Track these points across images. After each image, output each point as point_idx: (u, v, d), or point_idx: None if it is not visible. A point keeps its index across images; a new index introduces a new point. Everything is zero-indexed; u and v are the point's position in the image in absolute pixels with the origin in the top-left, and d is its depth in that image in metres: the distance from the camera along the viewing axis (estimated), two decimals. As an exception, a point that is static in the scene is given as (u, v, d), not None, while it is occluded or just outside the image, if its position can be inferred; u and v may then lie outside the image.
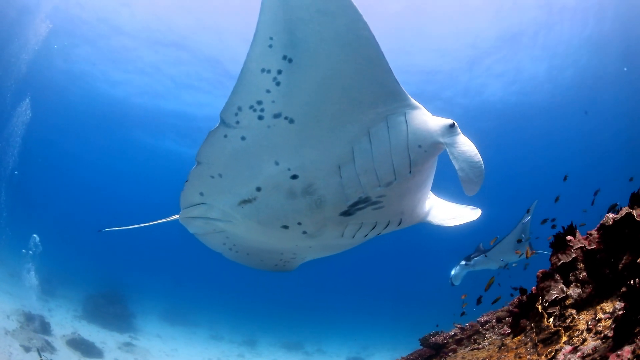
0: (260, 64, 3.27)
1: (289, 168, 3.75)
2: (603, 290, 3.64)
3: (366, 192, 3.87)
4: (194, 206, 4.30)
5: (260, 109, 3.43)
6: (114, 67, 29.29)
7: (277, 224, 4.19)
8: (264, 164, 3.76)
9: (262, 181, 3.88)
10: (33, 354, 13.99)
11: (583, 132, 35.94)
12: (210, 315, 33.27)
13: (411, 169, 3.81)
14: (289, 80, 3.32)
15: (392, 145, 3.67)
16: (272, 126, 3.51)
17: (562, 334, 3.51)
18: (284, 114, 3.47)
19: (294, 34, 3.17)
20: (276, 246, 4.79)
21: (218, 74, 29.01)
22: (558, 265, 4.14)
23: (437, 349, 7.54)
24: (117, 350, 20.17)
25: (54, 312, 21.92)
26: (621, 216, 3.48)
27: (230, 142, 3.64)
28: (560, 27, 25.33)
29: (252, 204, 4.05)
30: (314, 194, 3.88)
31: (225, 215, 4.28)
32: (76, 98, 33.42)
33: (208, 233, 4.64)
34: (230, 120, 3.52)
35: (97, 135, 40.81)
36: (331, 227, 4.21)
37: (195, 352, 24.66)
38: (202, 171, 3.93)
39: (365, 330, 35.96)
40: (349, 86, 3.39)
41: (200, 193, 4.15)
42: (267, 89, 3.35)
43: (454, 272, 11.01)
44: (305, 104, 3.43)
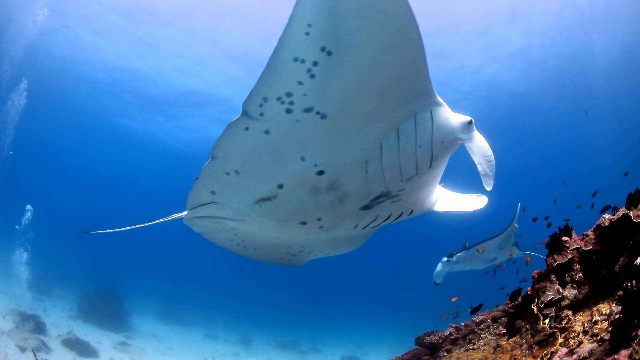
0: (293, 52, 2.98)
1: (316, 164, 3.60)
2: (599, 291, 3.63)
3: (388, 186, 3.89)
4: (202, 206, 4.06)
5: (289, 101, 3.18)
6: (109, 51, 29.08)
7: (295, 221, 4.12)
8: (288, 159, 3.56)
9: (285, 178, 3.69)
10: (29, 354, 13.92)
11: (583, 131, 36.00)
12: (205, 314, 33.21)
13: (431, 163, 3.88)
14: (325, 73, 3.08)
15: (417, 142, 3.68)
16: (302, 120, 3.29)
17: (558, 335, 3.50)
18: (316, 109, 3.25)
19: (338, 25, 2.92)
20: (286, 240, 4.73)
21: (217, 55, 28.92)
22: (554, 266, 4.13)
23: (432, 349, 7.52)
24: (112, 349, 20.11)
25: (49, 311, 21.83)
26: (618, 217, 3.47)
27: (252, 135, 3.36)
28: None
29: (272, 201, 3.88)
30: (338, 189, 3.80)
31: (239, 214, 4.10)
32: (73, 87, 33.29)
33: (215, 232, 4.46)
34: (253, 111, 3.23)
35: (93, 131, 40.48)
36: (348, 221, 4.23)
37: (191, 351, 24.61)
38: (217, 167, 3.64)
39: (360, 329, 35.95)
40: (387, 85, 3.27)
41: (211, 192, 3.89)
42: (299, 80, 3.09)
43: (436, 270, 10.74)
44: (340, 99, 3.24)
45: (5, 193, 32.00)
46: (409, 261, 52.61)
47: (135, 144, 42.84)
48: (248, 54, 27.78)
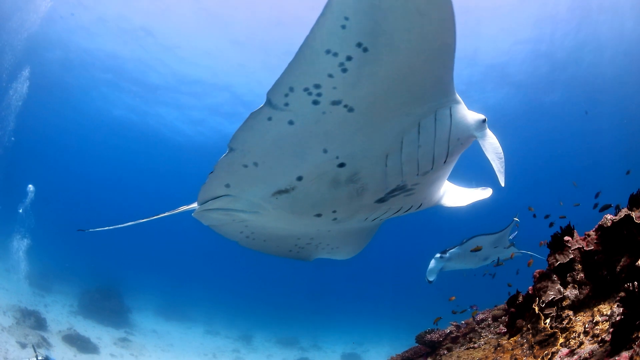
0: (326, 44, 2.88)
1: (338, 156, 3.56)
2: (600, 291, 3.62)
3: (404, 180, 3.93)
4: (215, 199, 3.98)
5: (317, 93, 3.10)
6: (110, 39, 28.96)
7: (311, 213, 4.11)
8: (310, 151, 3.51)
9: (305, 170, 3.65)
10: (29, 350, 13.94)
11: (584, 130, 35.96)
12: (206, 311, 33.22)
13: (446, 159, 3.95)
14: (359, 69, 3.01)
15: (436, 137, 3.71)
16: (328, 113, 3.23)
17: (559, 336, 3.49)
18: (344, 102, 3.19)
19: (379, 24, 2.84)
20: (296, 232, 4.73)
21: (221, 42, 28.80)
22: (555, 265, 4.13)
23: (432, 347, 7.51)
24: (113, 345, 20.16)
25: (50, 307, 21.88)
26: (620, 218, 3.46)
27: (274, 126, 3.28)
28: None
29: (289, 194, 3.84)
30: (357, 182, 3.80)
31: (253, 206, 4.05)
32: (75, 79, 33.23)
33: (225, 224, 4.42)
34: (278, 101, 3.13)
35: (95, 122, 40.40)
36: (362, 213, 4.26)
37: (191, 347, 24.67)
38: (235, 159, 3.55)
39: (361, 327, 35.98)
40: (416, 82, 3.28)
41: (226, 185, 3.81)
42: (329, 73, 3.00)
43: (429, 267, 10.53)
44: (370, 94, 3.19)
45: (6, 183, 31.92)
46: (409, 259, 52.58)
47: (137, 136, 42.77)
48: (253, 40, 27.68)
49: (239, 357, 25.18)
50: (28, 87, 27.81)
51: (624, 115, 33.47)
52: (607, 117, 34.15)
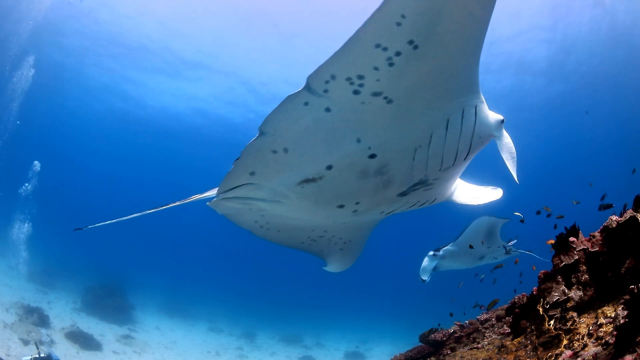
0: (377, 38, 2.90)
1: (370, 147, 3.54)
2: (605, 293, 3.59)
3: (427, 174, 3.97)
4: (237, 187, 3.87)
5: (359, 83, 3.09)
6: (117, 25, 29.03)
7: (334, 204, 4.07)
8: (344, 140, 3.47)
9: (336, 159, 3.59)
10: (31, 347, 13.97)
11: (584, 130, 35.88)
12: (209, 308, 33.31)
13: (467, 156, 4.05)
14: (405, 65, 3.04)
15: (461, 134, 3.79)
16: (367, 103, 3.21)
17: (563, 337, 3.47)
18: (384, 94, 3.19)
19: (434, 25, 2.90)
20: (312, 223, 4.70)
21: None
22: (560, 266, 4.10)
23: (436, 347, 7.49)
24: (116, 342, 20.21)
25: (53, 304, 21.95)
26: (625, 219, 3.43)
27: (310, 111, 3.23)
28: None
29: (316, 183, 3.77)
30: (385, 174, 3.79)
31: (276, 195, 3.96)
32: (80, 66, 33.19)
33: (242, 213, 4.33)
34: (317, 86, 3.10)
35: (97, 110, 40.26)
36: (382, 206, 4.28)
37: (194, 344, 24.71)
38: (264, 144, 3.45)
39: (364, 325, 36.01)
40: (453, 77, 3.35)
41: (251, 172, 3.70)
42: (375, 66, 3.01)
43: (422, 265, 10.28)
44: (410, 88, 3.22)
45: (9, 166, 31.84)
46: (413, 258, 52.46)
47: (140, 126, 42.57)
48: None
49: (242, 354, 25.22)
50: (33, 75, 27.81)
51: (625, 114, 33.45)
52: (607, 116, 34.11)
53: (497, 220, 9.26)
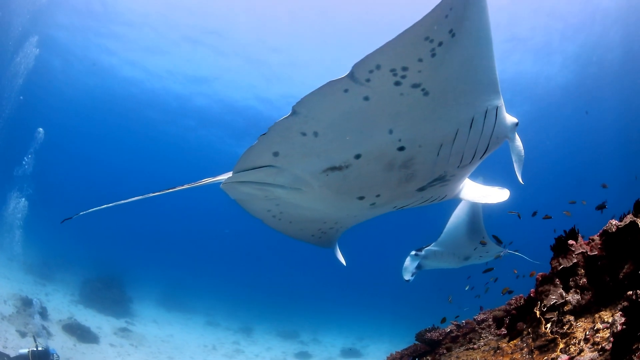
0: (428, 31, 2.97)
1: (400, 139, 3.54)
2: (603, 298, 3.58)
3: (447, 170, 4.04)
4: (257, 169, 3.75)
5: (402, 75, 3.11)
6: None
7: (355, 195, 4.05)
8: (376, 130, 3.46)
9: (366, 148, 3.57)
10: (29, 339, 13.96)
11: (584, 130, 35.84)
12: (207, 302, 33.34)
13: (483, 155, 4.16)
14: (444, 54, 3.11)
15: (482, 133, 3.89)
16: (406, 95, 3.23)
17: (559, 341, 3.46)
18: (423, 85, 3.23)
19: (466, 10, 3.02)
20: (326, 215, 4.68)
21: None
22: (558, 269, 4.09)
23: (432, 346, 7.49)
24: (113, 335, 20.20)
25: (51, 296, 21.97)
26: (625, 224, 3.43)
27: (349, 98, 3.19)
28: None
29: (342, 172, 3.72)
30: (409, 168, 3.81)
31: (297, 182, 3.88)
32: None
33: (256, 200, 4.26)
34: (360, 75, 3.08)
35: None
36: (399, 200, 4.33)
37: (191, 338, 24.73)
38: (295, 124, 3.36)
39: (361, 322, 36.06)
40: (477, 70, 3.42)
41: (274, 153, 3.59)
42: (420, 57, 3.07)
43: (404, 265, 10.11)
44: (445, 79, 3.28)
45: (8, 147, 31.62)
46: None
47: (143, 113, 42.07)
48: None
49: (239, 349, 25.22)
50: (36, 56, 27.72)
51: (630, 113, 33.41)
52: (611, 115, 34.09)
53: (476, 209, 9.01)
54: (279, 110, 34.41)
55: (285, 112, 3.29)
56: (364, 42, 27.81)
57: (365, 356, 28.12)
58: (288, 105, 3.27)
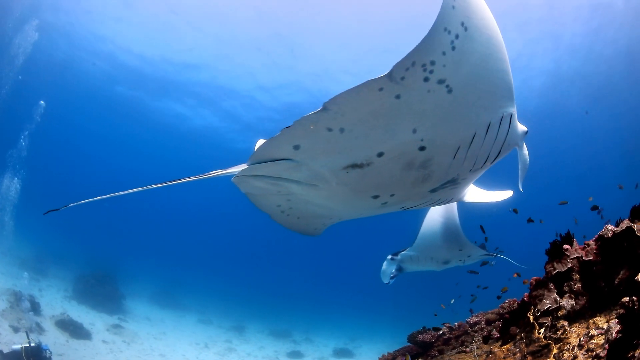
0: (444, 21, 3.04)
1: (422, 139, 3.54)
2: (597, 303, 3.56)
3: (459, 173, 4.06)
4: (274, 161, 3.67)
5: (430, 70, 3.14)
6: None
7: (370, 193, 4.03)
8: (401, 128, 3.44)
9: (389, 147, 3.54)
10: (22, 334, 13.91)
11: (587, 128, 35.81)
12: (200, 300, 33.33)
13: (494, 160, 4.20)
14: (462, 46, 3.16)
15: (496, 139, 3.93)
16: (432, 91, 3.25)
17: (553, 347, 3.44)
18: (447, 82, 3.25)
19: (475, 12, 3.14)
20: (335, 212, 4.65)
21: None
22: (553, 274, 4.07)
23: (424, 348, 7.49)
24: (106, 332, 20.16)
25: (44, 292, 21.92)
26: (621, 229, 3.41)
27: (381, 97, 3.18)
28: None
29: (362, 169, 3.67)
30: (427, 168, 3.81)
31: (315, 178, 3.82)
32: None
33: (268, 194, 4.20)
34: (397, 74, 3.09)
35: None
36: (411, 201, 4.35)
37: (183, 335, 24.71)
38: (323, 119, 3.32)
39: (354, 322, 36.07)
40: (495, 72, 3.48)
41: (295, 146, 3.51)
42: (443, 50, 3.12)
43: (382, 269, 10.04)
44: (466, 75, 3.31)
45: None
46: (405, 255, 52.47)
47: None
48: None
49: (231, 347, 25.19)
50: (37, 38, 27.51)
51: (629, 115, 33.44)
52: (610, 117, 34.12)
53: (450, 213, 8.94)
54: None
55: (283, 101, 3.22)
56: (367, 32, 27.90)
57: (357, 356, 28.15)
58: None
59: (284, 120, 36.26)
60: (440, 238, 8.95)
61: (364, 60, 29.62)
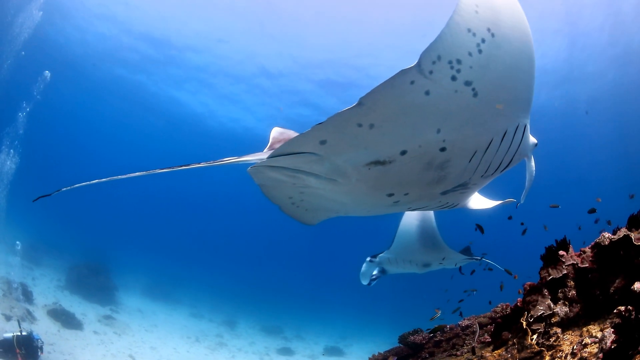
0: (467, 23, 3.08)
1: (444, 139, 3.56)
2: (591, 311, 3.54)
3: (472, 178, 4.12)
4: (296, 154, 3.65)
5: (457, 69, 3.17)
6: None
7: (387, 191, 4.04)
8: (427, 127, 3.46)
9: (413, 145, 3.55)
10: (14, 323, 13.87)
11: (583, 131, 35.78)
12: (192, 293, 33.30)
13: (505, 169, 4.25)
14: (489, 52, 3.21)
15: (510, 147, 3.99)
16: (459, 92, 3.27)
17: (545, 354, 3.42)
18: (473, 84, 3.28)
19: (498, 16, 3.18)
20: (344, 207, 4.65)
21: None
22: (547, 279, 4.05)
23: (414, 349, 7.47)
24: (97, 322, 20.13)
25: (37, 280, 21.90)
26: (618, 237, 3.39)
27: (412, 91, 3.18)
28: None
29: (384, 166, 3.67)
30: (443, 170, 3.84)
31: (335, 173, 3.80)
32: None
33: (282, 186, 4.20)
34: (425, 66, 3.09)
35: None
36: (422, 201, 4.41)
37: (175, 329, 24.69)
38: (355, 115, 3.29)
39: (345, 321, 36.06)
40: (518, 81, 3.52)
41: (322, 141, 3.49)
42: (469, 51, 3.16)
43: (361, 270, 10.03)
44: (492, 82, 3.35)
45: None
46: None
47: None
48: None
49: (222, 342, 25.19)
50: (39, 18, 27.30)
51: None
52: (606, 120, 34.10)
53: (426, 217, 8.79)
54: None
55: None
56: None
57: (348, 355, 28.18)
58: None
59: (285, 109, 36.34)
60: (417, 241, 8.98)
61: (369, 50, 29.35)
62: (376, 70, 29.85)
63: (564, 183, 41.94)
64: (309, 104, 35.06)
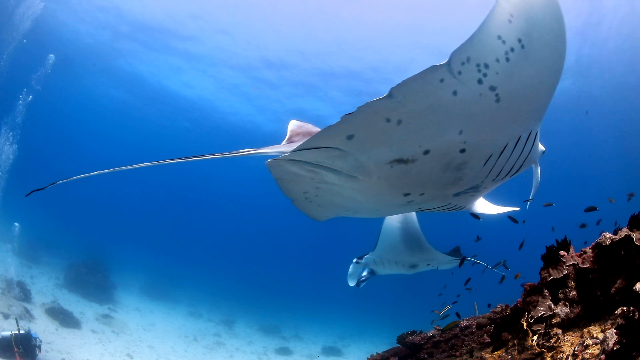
0: (498, 30, 3.14)
1: (465, 141, 3.59)
2: (592, 312, 3.52)
3: (483, 181, 4.22)
4: (320, 149, 3.59)
5: (484, 73, 3.22)
6: None
7: (404, 190, 4.06)
8: (451, 128, 3.47)
9: (436, 145, 3.55)
10: (12, 321, 13.84)
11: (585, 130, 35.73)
12: (190, 292, 33.28)
13: (514, 174, 4.37)
14: (516, 61, 3.27)
15: (522, 153, 4.09)
16: (483, 96, 3.31)
17: (546, 355, 3.39)
18: (497, 90, 3.33)
19: (533, 28, 3.24)
20: (357, 205, 4.61)
21: None
22: (548, 280, 4.03)
23: (413, 350, 7.45)
24: (95, 321, 20.09)
25: (36, 279, 21.86)
26: (620, 237, 3.37)
27: (441, 89, 3.18)
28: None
29: (407, 165, 3.66)
30: (460, 171, 3.91)
31: (357, 169, 3.75)
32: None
33: (300, 180, 4.11)
34: (455, 66, 3.10)
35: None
36: (434, 202, 4.47)
37: (173, 328, 24.64)
38: (384, 108, 3.23)
39: (343, 321, 36.04)
40: (538, 92, 3.60)
41: (349, 136, 3.42)
42: (497, 57, 3.21)
43: (349, 271, 10.01)
44: (515, 91, 3.41)
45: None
46: (398, 256, 52.42)
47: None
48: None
49: (220, 341, 25.15)
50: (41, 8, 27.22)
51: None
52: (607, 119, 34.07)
53: (409, 219, 8.68)
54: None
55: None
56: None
57: (346, 355, 28.14)
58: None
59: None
60: (400, 242, 8.94)
61: (372, 42, 29.25)
62: (379, 63, 29.82)
63: (564, 183, 41.98)
64: (312, 95, 34.99)
